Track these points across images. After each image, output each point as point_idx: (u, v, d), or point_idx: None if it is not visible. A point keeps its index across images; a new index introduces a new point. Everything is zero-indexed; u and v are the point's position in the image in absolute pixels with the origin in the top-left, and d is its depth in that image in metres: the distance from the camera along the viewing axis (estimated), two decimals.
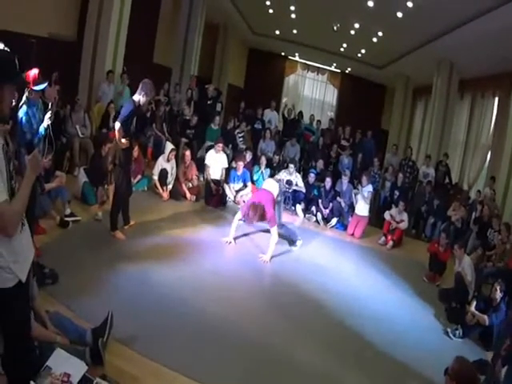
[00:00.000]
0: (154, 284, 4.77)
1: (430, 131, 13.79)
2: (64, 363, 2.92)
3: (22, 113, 4.50)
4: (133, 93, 10.01)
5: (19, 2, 7.70)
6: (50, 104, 4.63)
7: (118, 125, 5.45)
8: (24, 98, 4.50)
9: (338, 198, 9.17)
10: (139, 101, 5.65)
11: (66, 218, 5.68)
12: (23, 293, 2.45)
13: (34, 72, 4.24)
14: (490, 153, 12.25)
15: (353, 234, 8.64)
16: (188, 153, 8.70)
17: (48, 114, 4.58)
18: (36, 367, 2.81)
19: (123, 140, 5.47)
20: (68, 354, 3.02)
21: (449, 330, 5.43)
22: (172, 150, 8.17)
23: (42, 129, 4.64)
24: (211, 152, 8.78)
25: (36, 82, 4.29)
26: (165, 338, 3.89)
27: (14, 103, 2.44)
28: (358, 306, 5.60)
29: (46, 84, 4.43)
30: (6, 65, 2.28)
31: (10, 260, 2.28)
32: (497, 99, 12.52)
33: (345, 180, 9.48)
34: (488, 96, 13.03)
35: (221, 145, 8.78)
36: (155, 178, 7.93)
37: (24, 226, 2.41)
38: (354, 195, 8.89)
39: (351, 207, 8.99)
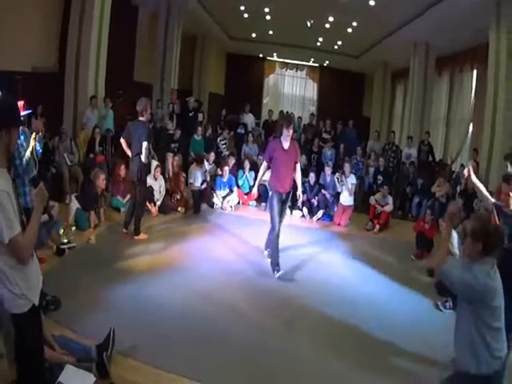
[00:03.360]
0: (151, 295, 4.94)
1: (411, 112, 14.03)
2: (74, 377, 3.14)
3: None
4: (117, 115, 10.39)
5: (1, 40, 7.93)
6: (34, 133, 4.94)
7: (145, 144, 6.25)
8: None
9: (322, 191, 9.35)
10: (147, 118, 6.39)
11: (62, 246, 5.86)
12: (37, 316, 2.67)
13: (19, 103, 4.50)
14: (471, 126, 12.45)
15: (339, 224, 8.86)
16: (177, 158, 9.04)
17: (32, 138, 4.87)
18: None
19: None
20: (77, 369, 3.24)
21: (439, 303, 5.55)
22: (157, 166, 8.35)
23: (28, 152, 4.90)
24: (192, 167, 9.10)
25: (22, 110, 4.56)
26: (166, 346, 4.04)
27: None
28: (350, 293, 5.75)
29: (30, 111, 4.77)
30: (13, 111, 2.51)
31: (24, 287, 2.50)
32: (475, 72, 12.72)
33: (328, 171, 9.53)
34: (466, 70, 13.30)
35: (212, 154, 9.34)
36: None
37: (33, 254, 2.64)
38: (337, 181, 9.09)
39: (336, 197, 9.19)
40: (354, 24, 13.94)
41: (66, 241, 6.01)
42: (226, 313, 4.84)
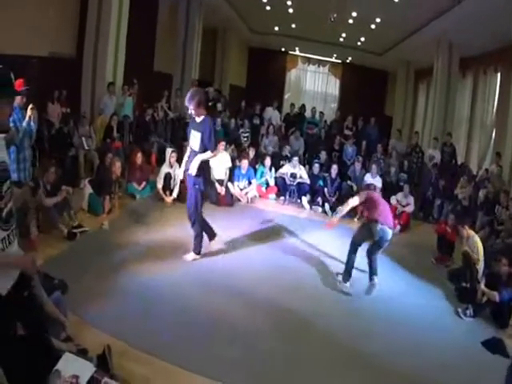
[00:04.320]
0: (160, 285, 4.85)
1: (434, 113, 13.75)
2: (72, 366, 2.97)
3: None
4: (136, 103, 10.33)
5: (19, 25, 7.84)
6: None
7: None
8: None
9: (348, 182, 9.32)
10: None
11: (74, 230, 5.79)
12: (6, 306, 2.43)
13: (18, 80, 4.48)
14: (494, 129, 12.22)
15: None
16: None
17: (29, 111, 4.88)
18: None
19: None
20: (76, 357, 3.09)
21: (459, 309, 5.42)
22: (172, 152, 8.19)
23: (24, 123, 4.92)
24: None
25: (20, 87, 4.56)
26: (170, 337, 3.97)
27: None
28: (367, 296, 5.58)
29: (27, 87, 4.86)
30: (3, 81, 2.37)
31: None
32: (499, 75, 12.48)
33: (358, 167, 9.81)
34: (490, 72, 13.03)
35: (223, 143, 8.92)
36: (159, 186, 7.93)
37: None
38: (364, 181, 8.96)
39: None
40: (378, 20, 13.68)
41: (76, 224, 5.95)
42: (234, 306, 4.73)
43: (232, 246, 6.40)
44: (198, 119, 5.47)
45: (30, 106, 5.09)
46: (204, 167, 5.48)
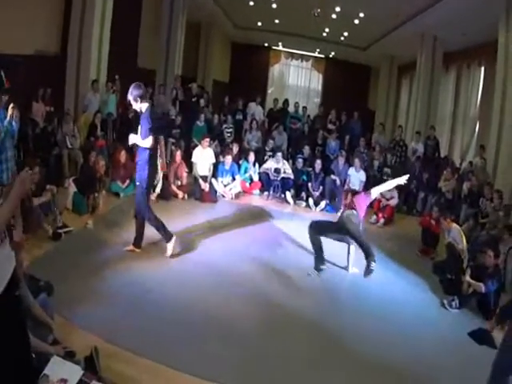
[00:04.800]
0: (148, 284, 4.82)
1: (417, 107, 13.88)
2: (60, 369, 2.96)
3: None
4: (119, 100, 10.24)
5: (5, 24, 7.75)
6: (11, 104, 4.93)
7: None
8: None
9: (332, 176, 9.32)
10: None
11: (59, 230, 5.74)
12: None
13: None
14: (478, 123, 12.32)
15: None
16: (178, 153, 8.81)
17: (10, 111, 4.82)
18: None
19: None
20: (64, 360, 3.07)
21: (445, 301, 5.44)
22: None
23: (6, 123, 4.86)
24: (198, 149, 8.84)
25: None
26: (163, 337, 3.94)
27: None
28: (352, 285, 5.68)
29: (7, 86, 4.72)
30: None
31: None
32: (483, 69, 12.61)
33: (341, 161, 9.76)
34: (474, 66, 13.18)
35: (208, 140, 8.91)
36: None
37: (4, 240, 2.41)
38: (348, 175, 9.10)
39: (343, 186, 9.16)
40: (362, 15, 13.70)
41: (61, 224, 5.89)
42: (221, 302, 4.74)
43: (217, 242, 6.44)
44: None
45: (11, 105, 5.01)
46: (151, 163, 5.43)
